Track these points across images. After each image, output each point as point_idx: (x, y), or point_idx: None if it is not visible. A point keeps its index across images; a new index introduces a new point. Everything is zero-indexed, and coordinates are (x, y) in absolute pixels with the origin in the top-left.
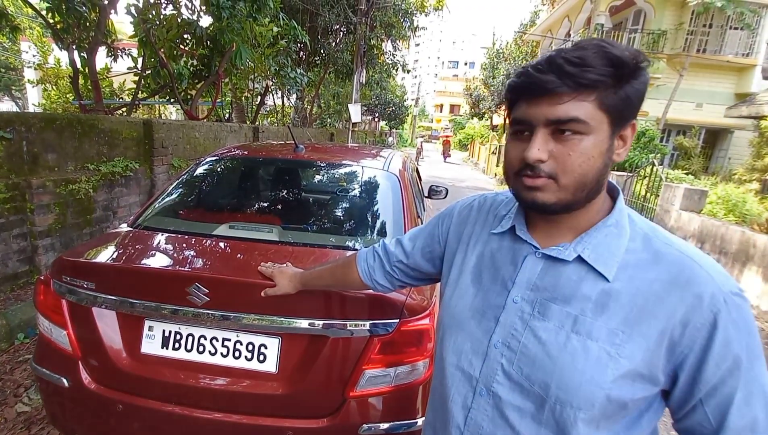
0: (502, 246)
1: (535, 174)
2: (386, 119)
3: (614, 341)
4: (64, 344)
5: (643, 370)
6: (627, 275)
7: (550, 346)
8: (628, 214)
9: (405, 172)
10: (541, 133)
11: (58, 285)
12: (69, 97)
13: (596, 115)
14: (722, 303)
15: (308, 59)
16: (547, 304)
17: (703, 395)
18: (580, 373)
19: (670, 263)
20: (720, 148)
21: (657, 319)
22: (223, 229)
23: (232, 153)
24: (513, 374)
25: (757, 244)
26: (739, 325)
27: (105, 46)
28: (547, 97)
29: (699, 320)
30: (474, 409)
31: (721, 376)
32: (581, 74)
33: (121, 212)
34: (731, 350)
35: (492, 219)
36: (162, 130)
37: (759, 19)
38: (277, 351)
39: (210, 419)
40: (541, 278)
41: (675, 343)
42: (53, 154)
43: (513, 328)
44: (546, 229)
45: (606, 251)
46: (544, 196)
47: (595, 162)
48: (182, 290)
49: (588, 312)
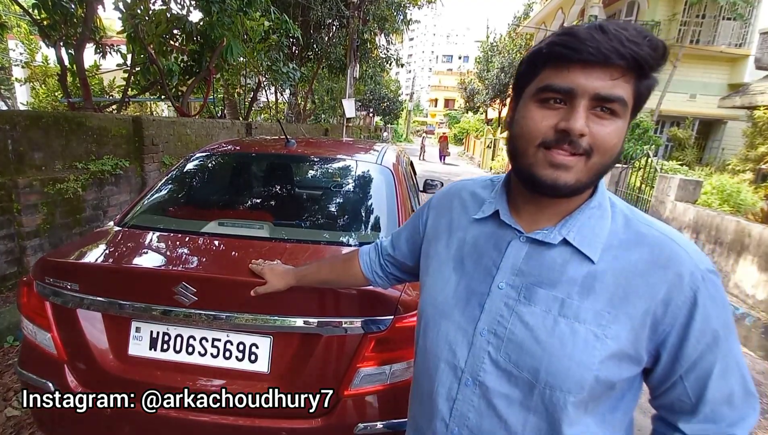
0: (485, 231)
1: (571, 148)
2: (381, 114)
3: (600, 322)
4: (48, 347)
5: (629, 350)
6: (611, 256)
7: (538, 331)
8: (609, 196)
9: (399, 165)
10: (583, 106)
11: (41, 287)
12: (57, 96)
13: (630, 99)
14: (701, 280)
15: (301, 54)
16: (533, 289)
17: (683, 371)
18: (569, 356)
19: (652, 244)
20: (713, 139)
21: (641, 298)
22: (212, 226)
23: (221, 148)
24: (500, 362)
25: (752, 233)
26: (716, 301)
27: (93, 42)
28: (598, 68)
29: (680, 298)
30: (459, 401)
31: (701, 351)
32: (638, 51)
33: (111, 211)
34: (710, 325)
35: (472, 204)
36: (152, 128)
37: (752, 9)
38: (268, 351)
39: (201, 421)
40: (526, 263)
41: (658, 321)
42: (40, 152)
43: (499, 314)
44: (531, 212)
45: (590, 233)
46: (567, 175)
47: (619, 146)
48: (169, 290)
49: (574, 295)
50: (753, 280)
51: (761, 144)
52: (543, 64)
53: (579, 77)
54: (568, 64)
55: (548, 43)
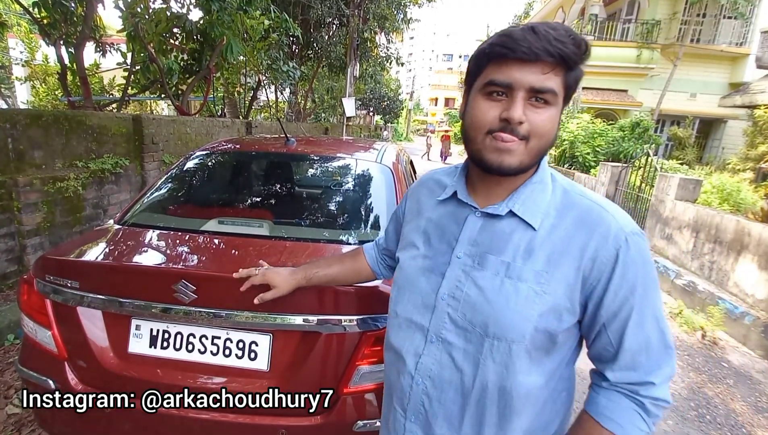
0: (447, 211)
1: (512, 135)
2: (381, 113)
3: (540, 281)
4: (49, 345)
5: (565, 303)
6: (549, 223)
7: (488, 291)
8: (551, 172)
9: (398, 164)
10: (521, 97)
11: (41, 284)
12: (58, 94)
13: (560, 90)
14: (623, 240)
15: (301, 53)
16: (485, 256)
17: (605, 320)
18: (512, 310)
19: (583, 210)
20: (713, 138)
21: (573, 257)
22: (212, 224)
23: (221, 147)
24: (458, 320)
25: (752, 232)
26: (636, 259)
27: (93, 41)
28: (531, 64)
29: (605, 255)
30: (425, 355)
31: (619, 303)
32: (563, 49)
33: (111, 210)
34: (628, 280)
35: (437, 189)
36: (152, 126)
37: (752, 7)
38: (268, 348)
39: (201, 419)
40: (480, 234)
41: (586, 277)
42: (40, 151)
43: (457, 280)
44: (485, 191)
45: (532, 204)
46: (510, 158)
47: (553, 131)
48: (168, 288)
49: (518, 259)
50: (753, 279)
51: (761, 143)
52: (486, 62)
53: (516, 73)
54: (507, 61)
55: (490, 44)
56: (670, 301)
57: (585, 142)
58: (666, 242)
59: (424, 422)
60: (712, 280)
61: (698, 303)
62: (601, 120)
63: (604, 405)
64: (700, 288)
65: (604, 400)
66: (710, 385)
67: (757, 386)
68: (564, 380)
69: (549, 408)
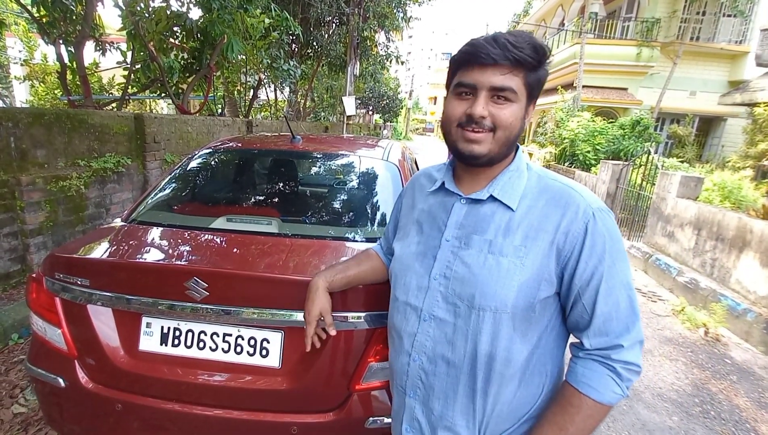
0: (437, 200)
1: (478, 127)
2: (380, 112)
3: (519, 255)
4: (59, 343)
5: (543, 274)
6: (526, 205)
7: (473, 267)
8: (526, 162)
9: (405, 161)
10: (484, 95)
11: (50, 283)
12: (57, 93)
13: (521, 88)
14: (591, 216)
15: (301, 51)
16: (470, 237)
17: (579, 288)
18: (495, 282)
19: (555, 191)
20: (713, 136)
21: (547, 232)
22: (221, 222)
23: (227, 145)
24: (448, 297)
25: (754, 229)
26: (602, 231)
27: (93, 40)
28: (491, 67)
29: (576, 229)
30: (419, 333)
31: (590, 271)
32: (519, 53)
33: (113, 209)
34: (596, 250)
35: (427, 183)
36: (154, 125)
37: (752, 5)
38: (279, 345)
39: (212, 416)
40: (466, 218)
41: (560, 249)
42: (42, 150)
43: (447, 260)
44: (469, 180)
45: (510, 189)
46: (480, 147)
47: (518, 124)
48: (180, 285)
49: (499, 236)
50: (754, 276)
51: (761, 141)
52: (456, 68)
53: (478, 75)
54: (471, 66)
55: (458, 53)
56: (672, 299)
57: (585, 140)
58: (668, 240)
59: (422, 397)
60: (714, 277)
61: (700, 300)
62: (601, 118)
63: (581, 373)
64: (702, 285)
65: (581, 369)
66: (714, 381)
67: (760, 382)
68: (548, 352)
69: (536, 377)
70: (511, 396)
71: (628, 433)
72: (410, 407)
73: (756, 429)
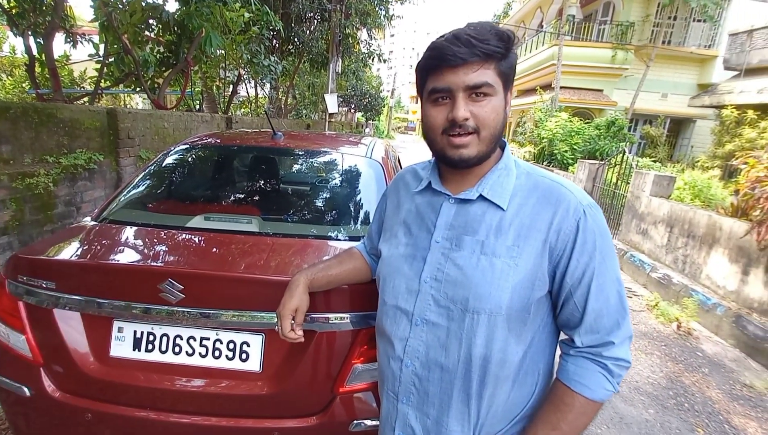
0: (424, 200)
1: (462, 131)
2: (362, 110)
3: (512, 255)
4: (23, 350)
5: (536, 273)
6: (516, 203)
7: (466, 269)
8: (514, 159)
9: (388, 159)
10: (461, 97)
11: (13, 286)
12: (25, 87)
13: (496, 79)
14: (582, 213)
15: (282, 47)
16: (461, 238)
17: (571, 286)
18: (489, 283)
19: (545, 188)
20: (683, 137)
21: (539, 231)
22: (198, 220)
23: (205, 141)
24: (441, 300)
25: (723, 227)
26: (593, 227)
27: (63, 31)
28: (462, 67)
29: (567, 227)
30: (411, 338)
31: (582, 268)
32: (485, 46)
33: (85, 208)
34: (587, 248)
35: (413, 182)
36: (128, 120)
37: (721, 11)
38: (260, 348)
39: (189, 424)
40: (456, 218)
41: (553, 247)
42: (7, 145)
43: (438, 263)
44: (456, 180)
45: (500, 188)
46: (468, 151)
47: (500, 117)
48: (154, 287)
49: (491, 236)
50: (724, 272)
51: (728, 142)
52: (426, 75)
53: (450, 77)
54: (441, 69)
55: (424, 59)
56: (646, 294)
57: (563, 140)
58: (641, 237)
59: (416, 402)
60: (686, 273)
61: (673, 295)
62: (578, 119)
63: (572, 371)
64: (675, 281)
65: (572, 367)
66: (687, 374)
67: (731, 374)
68: (540, 351)
69: (529, 377)
70: (505, 397)
71: (607, 426)
72: (403, 413)
73: (728, 420)
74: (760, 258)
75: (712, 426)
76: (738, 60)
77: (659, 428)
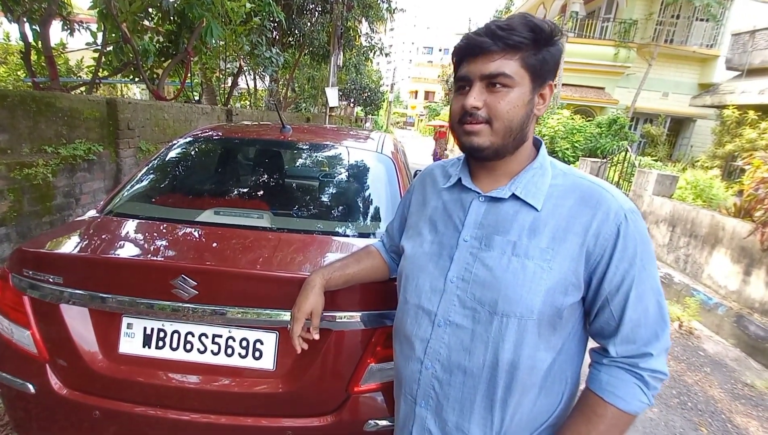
0: (452, 197)
1: (474, 119)
2: (362, 105)
3: (546, 257)
4: (27, 346)
5: (571, 278)
6: (551, 204)
7: (496, 270)
8: (550, 160)
9: (398, 153)
10: (477, 86)
11: (17, 279)
12: (20, 75)
13: (520, 71)
14: (623, 217)
15: (282, 39)
16: (491, 237)
17: (608, 293)
18: (521, 286)
19: (584, 190)
20: (683, 136)
21: (576, 234)
22: (208, 215)
23: (213, 133)
24: (467, 302)
25: (726, 227)
26: (635, 234)
27: (60, 18)
28: (482, 56)
29: (607, 231)
30: (433, 339)
31: (621, 275)
32: (508, 36)
33: (84, 199)
34: (628, 254)
35: (441, 178)
36: (128, 111)
37: (723, 10)
38: (274, 347)
39: (200, 422)
40: (485, 217)
41: (590, 252)
42: (5, 134)
43: (466, 262)
44: (486, 177)
45: (534, 187)
46: (479, 139)
47: (519, 110)
48: (166, 283)
49: (524, 237)
50: (726, 272)
51: (729, 142)
52: (457, 64)
53: (470, 66)
54: (465, 59)
55: (454, 49)
56: None
57: (565, 137)
58: None
59: (435, 407)
60: (687, 272)
61: (674, 295)
62: (579, 116)
63: (606, 381)
64: (676, 280)
65: (606, 377)
66: (689, 373)
67: (732, 373)
68: (569, 358)
69: (556, 385)
70: (531, 405)
71: None
72: (421, 417)
73: (731, 419)
74: (762, 259)
75: (714, 425)
76: (740, 60)
77: (663, 427)
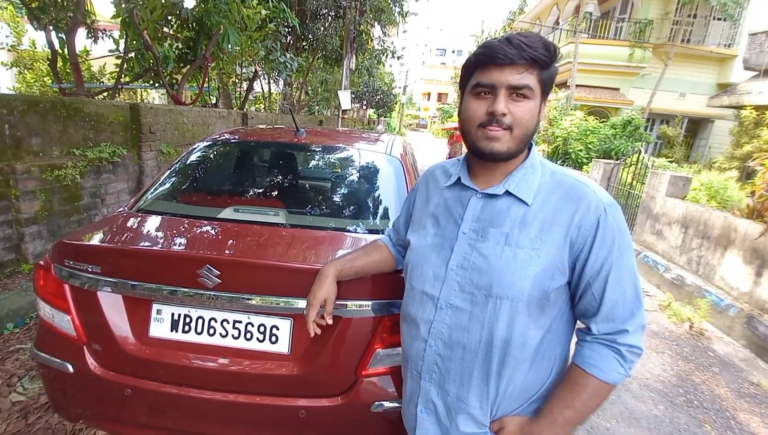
0: (453, 194)
1: (498, 125)
2: (374, 107)
3: (534, 246)
4: (67, 329)
5: (557, 264)
6: (540, 199)
7: (491, 258)
8: (539, 159)
9: (407, 155)
10: (503, 94)
11: (59, 269)
12: (46, 81)
13: (536, 85)
14: (602, 210)
15: (296, 44)
16: (487, 230)
17: (589, 277)
18: (512, 272)
19: (568, 186)
20: (701, 138)
21: (561, 226)
22: (228, 212)
23: (230, 137)
24: (466, 286)
25: (738, 228)
26: (613, 225)
27: (84, 27)
28: (508, 67)
29: (588, 222)
30: (436, 321)
31: (600, 262)
32: (534, 53)
33: (109, 199)
34: (606, 242)
35: (443, 177)
36: (150, 115)
37: (741, 9)
38: (289, 332)
39: (221, 400)
40: (482, 212)
41: (574, 241)
42: (37, 138)
43: (464, 252)
44: (484, 175)
45: (525, 184)
46: (499, 145)
47: (534, 120)
48: (193, 272)
49: (516, 229)
50: (738, 273)
51: (746, 143)
52: (473, 70)
53: (496, 75)
54: (489, 67)
55: (475, 55)
56: (659, 295)
57: (578, 139)
58: (656, 238)
59: (437, 380)
60: (699, 274)
61: (686, 296)
62: (593, 117)
63: (588, 355)
64: (688, 281)
65: (588, 351)
66: (697, 372)
67: (740, 373)
68: (557, 337)
69: (545, 360)
70: (522, 378)
71: (617, 421)
72: (425, 390)
73: (735, 417)
74: None
75: (719, 422)
76: (757, 60)
77: (668, 423)
